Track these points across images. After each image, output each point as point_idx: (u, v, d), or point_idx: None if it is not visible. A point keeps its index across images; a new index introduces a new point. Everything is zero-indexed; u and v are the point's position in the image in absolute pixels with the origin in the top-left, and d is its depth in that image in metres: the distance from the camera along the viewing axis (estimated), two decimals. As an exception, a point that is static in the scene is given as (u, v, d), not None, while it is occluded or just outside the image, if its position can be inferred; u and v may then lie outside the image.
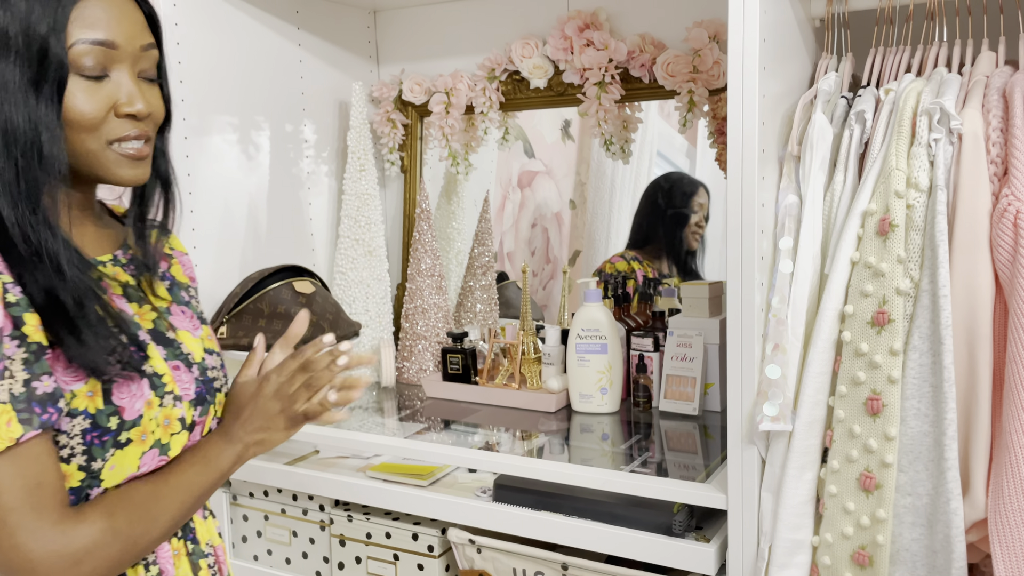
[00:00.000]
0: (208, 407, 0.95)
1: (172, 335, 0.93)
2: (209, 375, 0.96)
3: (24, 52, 0.79)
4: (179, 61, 1.55)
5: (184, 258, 1.06)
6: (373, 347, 1.84)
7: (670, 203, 1.83)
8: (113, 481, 0.85)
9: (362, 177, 1.83)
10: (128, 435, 0.85)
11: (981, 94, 1.07)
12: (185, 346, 0.94)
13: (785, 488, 1.09)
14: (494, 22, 1.86)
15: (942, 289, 1.00)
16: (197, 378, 0.93)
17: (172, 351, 0.92)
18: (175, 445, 0.90)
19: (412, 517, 1.45)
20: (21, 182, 0.80)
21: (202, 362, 0.95)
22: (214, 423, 0.97)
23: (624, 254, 1.87)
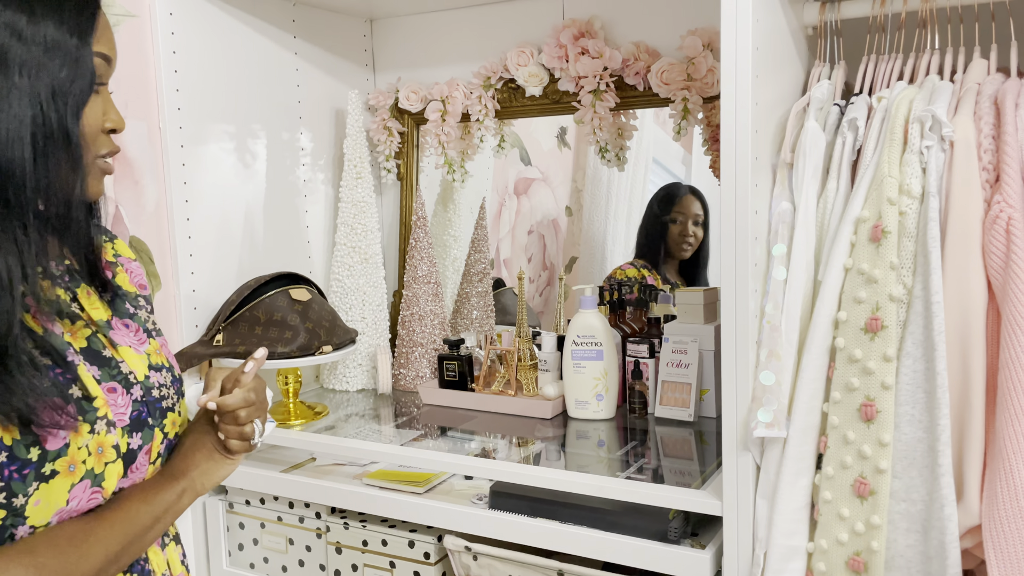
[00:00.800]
0: (151, 431, 0.87)
1: (110, 353, 0.86)
2: (154, 395, 0.88)
3: (62, 61, 0.76)
4: (175, 70, 1.55)
5: (131, 264, 0.98)
6: (369, 354, 1.85)
7: (663, 212, 1.83)
8: (40, 518, 0.77)
9: (358, 185, 1.83)
10: (53, 466, 0.76)
11: (973, 101, 1.07)
12: (126, 365, 0.87)
13: (780, 494, 1.09)
14: (490, 31, 1.87)
15: (935, 295, 1.01)
16: (137, 399, 0.86)
17: (107, 372, 0.84)
18: (109, 475, 0.82)
19: (408, 524, 1.45)
20: None
21: (145, 380, 0.88)
22: (166, 446, 0.90)
23: (634, 262, 1.87)
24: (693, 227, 1.81)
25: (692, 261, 1.82)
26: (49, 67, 0.75)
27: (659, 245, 1.84)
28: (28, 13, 0.75)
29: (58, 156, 0.77)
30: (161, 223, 1.57)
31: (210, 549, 1.65)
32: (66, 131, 0.77)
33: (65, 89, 0.77)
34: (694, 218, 1.81)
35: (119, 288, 0.93)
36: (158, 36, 1.52)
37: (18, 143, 0.74)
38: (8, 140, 0.73)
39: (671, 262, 1.84)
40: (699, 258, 1.83)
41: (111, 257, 0.95)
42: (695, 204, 1.81)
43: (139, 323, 0.93)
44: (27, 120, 0.74)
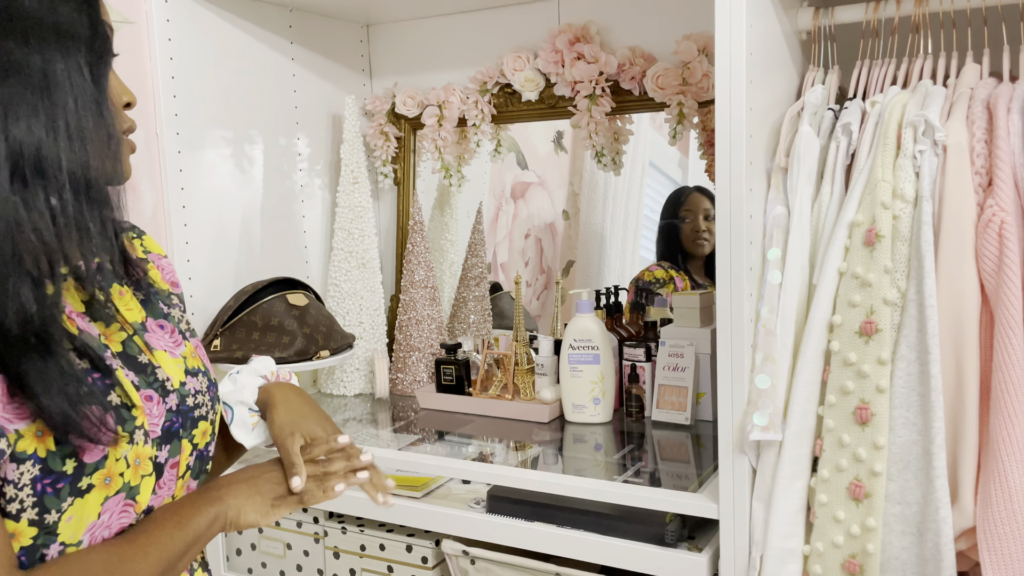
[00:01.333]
0: (179, 443, 0.81)
1: (146, 358, 0.80)
2: (188, 403, 0.82)
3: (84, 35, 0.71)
4: (172, 76, 1.56)
5: (162, 261, 0.92)
6: (367, 358, 1.85)
7: (673, 215, 1.83)
8: (71, 535, 0.71)
9: (355, 190, 1.84)
10: (90, 480, 0.71)
11: (966, 106, 1.08)
12: (162, 371, 0.81)
13: (776, 497, 1.09)
14: (486, 36, 1.87)
15: (928, 299, 1.01)
16: (170, 409, 0.80)
17: (145, 378, 0.78)
18: (144, 489, 0.77)
19: (406, 529, 1.46)
20: None
21: (181, 388, 0.82)
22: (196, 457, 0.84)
23: (660, 263, 1.86)
24: (704, 222, 1.79)
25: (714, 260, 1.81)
26: (73, 43, 0.71)
27: (676, 248, 1.83)
28: None
29: (92, 132, 0.71)
30: (159, 229, 1.57)
31: (208, 554, 1.65)
32: (98, 103, 0.72)
33: (91, 61, 0.72)
34: (704, 213, 1.79)
35: (152, 286, 0.86)
36: (155, 42, 1.53)
37: (51, 121, 0.68)
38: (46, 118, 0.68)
39: (694, 262, 1.83)
40: (702, 256, 1.82)
41: (141, 253, 0.90)
42: (704, 201, 1.80)
43: (174, 323, 0.86)
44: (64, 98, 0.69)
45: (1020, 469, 0.95)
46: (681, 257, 1.83)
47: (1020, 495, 0.95)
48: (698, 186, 1.83)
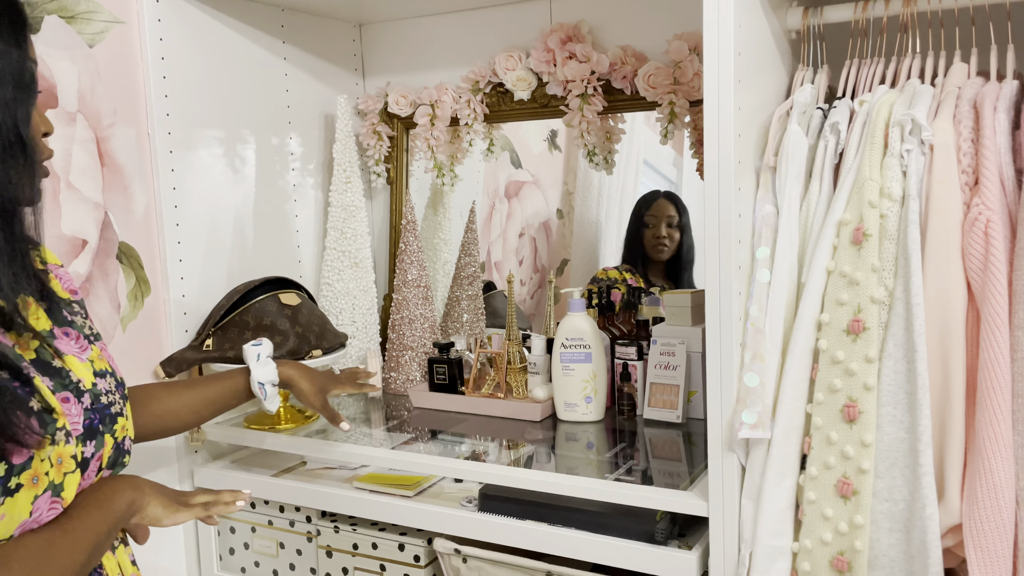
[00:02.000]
0: (102, 437, 0.89)
1: (58, 363, 0.87)
2: (102, 401, 0.90)
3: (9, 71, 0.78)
4: (164, 76, 1.56)
5: (59, 271, 0.98)
6: (360, 358, 1.85)
7: (640, 217, 1.87)
8: (3, 531, 0.78)
9: (348, 189, 1.84)
10: (18, 480, 0.77)
11: (953, 105, 1.08)
12: (73, 374, 0.88)
13: (765, 495, 1.10)
14: (478, 35, 1.88)
15: (915, 297, 1.02)
16: (87, 408, 0.88)
17: (60, 382, 0.86)
18: (69, 485, 0.84)
19: (399, 527, 1.46)
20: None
21: (93, 388, 0.90)
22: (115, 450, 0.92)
23: (619, 265, 1.90)
24: (667, 229, 1.85)
25: (676, 263, 1.85)
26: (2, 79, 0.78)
27: (638, 249, 1.87)
28: None
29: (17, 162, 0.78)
30: (151, 229, 1.57)
31: (201, 553, 1.65)
32: (20, 137, 0.79)
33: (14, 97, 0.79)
34: (667, 220, 1.85)
35: (55, 295, 0.92)
36: (146, 42, 1.53)
37: None
38: None
39: (655, 265, 1.87)
40: (682, 260, 1.86)
41: (39, 264, 0.93)
42: (669, 207, 1.85)
43: (78, 329, 0.93)
44: None
45: (1005, 466, 0.96)
46: (642, 260, 1.88)
47: (1006, 492, 0.96)
48: (668, 192, 1.87)
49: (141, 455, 1.55)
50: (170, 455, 1.60)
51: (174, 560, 1.63)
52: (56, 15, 1.40)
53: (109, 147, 1.49)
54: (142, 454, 1.55)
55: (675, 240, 1.84)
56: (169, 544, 1.62)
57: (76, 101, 1.43)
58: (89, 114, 1.45)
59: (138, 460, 1.54)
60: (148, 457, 1.56)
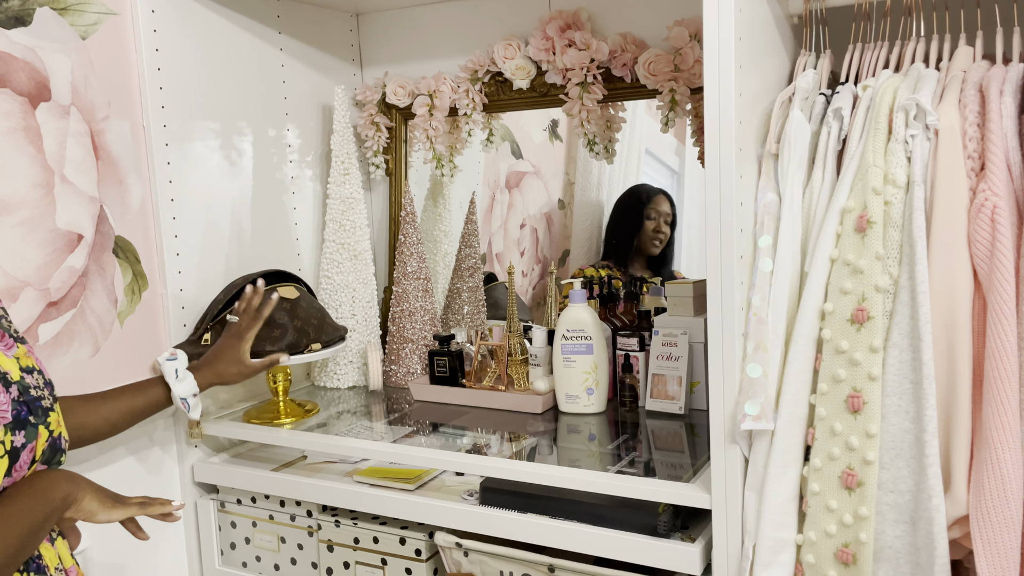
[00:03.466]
0: (34, 429, 0.92)
1: None
2: (32, 394, 0.93)
3: None
4: (158, 68, 1.54)
5: None
6: (360, 351, 1.84)
7: (637, 210, 1.88)
8: None
9: (346, 181, 1.82)
10: None
11: (958, 89, 1.06)
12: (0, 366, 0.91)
13: (768, 487, 1.08)
14: (476, 24, 1.85)
15: (920, 285, 1.00)
16: (15, 399, 0.90)
17: None
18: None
19: (399, 521, 1.45)
20: None
21: (21, 380, 0.93)
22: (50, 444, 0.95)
23: (596, 263, 1.91)
24: (664, 226, 1.87)
25: (660, 257, 1.87)
26: None
27: (629, 243, 1.88)
28: None
29: None
30: (147, 223, 1.56)
31: (202, 548, 1.64)
32: None
33: None
34: (665, 217, 1.87)
35: None
36: (140, 34, 1.51)
37: None
38: None
39: (639, 259, 1.88)
40: (666, 254, 1.87)
41: None
42: (665, 204, 1.88)
43: (3, 329, 0.96)
44: None
45: (1013, 457, 0.94)
46: (629, 253, 1.89)
47: (1013, 483, 0.94)
48: (660, 188, 1.88)
49: (137, 452, 1.54)
50: (170, 450, 1.60)
51: (175, 556, 1.63)
52: (48, 7, 1.38)
53: (104, 140, 1.47)
54: (138, 451, 1.54)
55: (667, 236, 1.87)
56: (170, 540, 1.62)
57: (70, 94, 1.41)
58: (83, 107, 1.44)
59: (135, 457, 1.53)
60: (146, 453, 1.55)
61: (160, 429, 1.58)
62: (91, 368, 1.45)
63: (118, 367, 1.49)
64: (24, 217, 1.35)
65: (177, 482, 1.61)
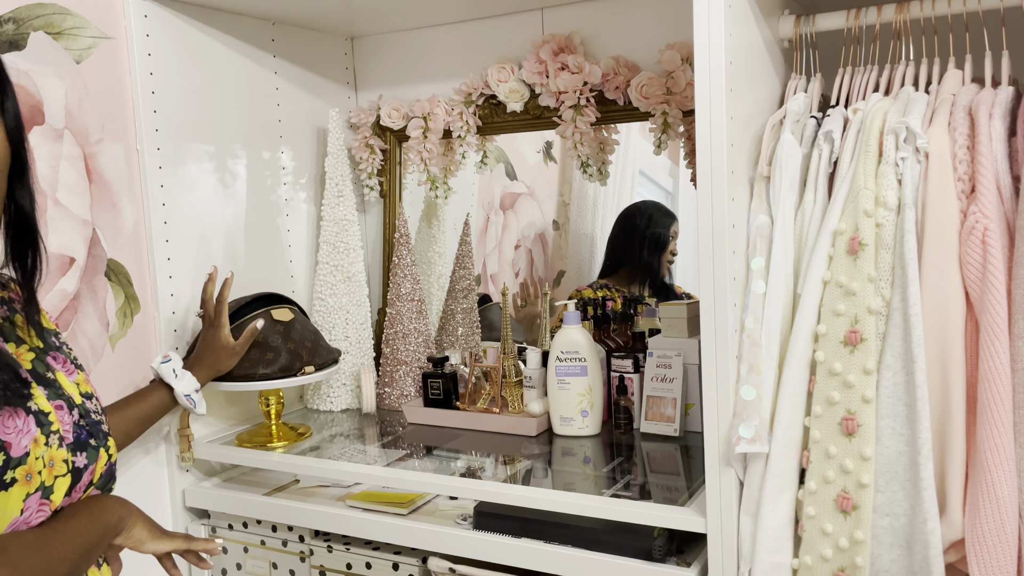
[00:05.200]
0: (95, 451, 0.93)
1: (52, 376, 0.93)
2: (93, 418, 0.95)
3: None
4: (153, 91, 1.54)
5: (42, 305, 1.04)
6: (354, 373, 1.83)
7: (657, 229, 1.85)
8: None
9: (340, 203, 1.82)
10: (13, 474, 0.82)
11: (947, 112, 1.07)
12: (64, 388, 0.93)
13: (763, 510, 1.08)
14: (470, 47, 1.86)
15: (913, 307, 1.00)
16: (76, 422, 0.92)
17: (54, 391, 0.91)
18: (58, 489, 0.88)
19: (392, 547, 1.44)
20: None
21: (82, 404, 0.94)
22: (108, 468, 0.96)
23: (593, 283, 1.90)
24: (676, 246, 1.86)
25: (660, 277, 1.86)
26: None
27: (639, 262, 1.85)
28: None
29: None
30: (140, 245, 1.55)
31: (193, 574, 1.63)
32: None
33: None
34: (676, 237, 1.85)
35: (41, 323, 0.98)
36: (135, 58, 1.51)
37: None
38: None
39: (639, 279, 1.87)
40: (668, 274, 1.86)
41: None
42: (676, 224, 1.85)
43: (66, 355, 0.99)
44: None
45: (1008, 479, 0.94)
46: (640, 272, 1.85)
47: (1008, 506, 0.94)
48: (667, 208, 1.86)
49: (129, 475, 1.52)
50: (161, 474, 1.58)
51: (166, 581, 1.61)
52: (43, 31, 1.39)
53: (97, 163, 1.47)
54: (130, 474, 1.53)
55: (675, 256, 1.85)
56: (161, 565, 1.59)
57: (63, 117, 1.42)
58: (76, 130, 1.44)
59: (126, 480, 1.52)
60: (137, 477, 1.54)
61: (151, 453, 1.57)
62: (82, 392, 1.44)
63: (109, 390, 1.48)
64: (16, 240, 1.34)
65: (168, 507, 1.60)
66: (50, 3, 1.40)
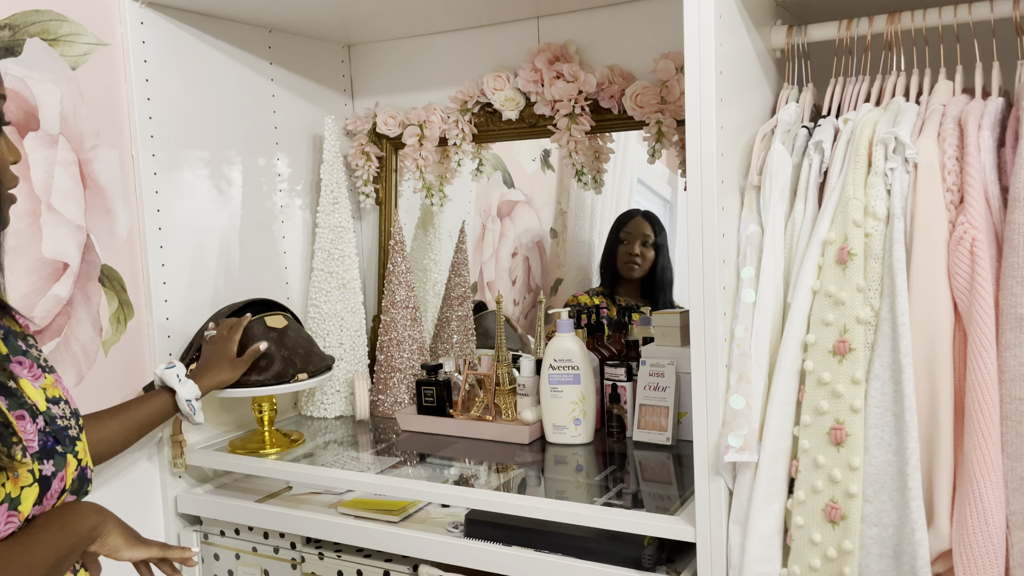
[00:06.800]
0: (62, 457, 0.93)
1: (13, 385, 0.91)
2: (59, 424, 0.94)
3: None
4: (148, 97, 1.55)
5: (35, 312, 1.04)
6: (347, 380, 1.83)
7: (615, 234, 1.88)
8: None
9: (335, 210, 1.83)
10: None
11: (937, 123, 1.07)
12: (27, 397, 0.92)
13: (752, 520, 1.08)
14: (467, 55, 1.87)
15: (901, 317, 1.00)
16: (41, 429, 0.91)
17: (15, 401, 0.90)
18: (25, 499, 0.87)
19: (384, 554, 1.43)
20: None
21: (47, 411, 0.94)
22: (79, 473, 0.96)
23: (589, 290, 1.90)
24: (641, 247, 1.86)
25: (651, 283, 1.86)
26: None
27: (611, 268, 1.88)
28: None
29: None
30: (134, 251, 1.56)
31: (185, 580, 1.63)
32: None
33: None
34: (642, 238, 1.86)
35: (9, 328, 0.97)
36: (131, 64, 1.52)
37: None
38: None
39: (629, 285, 1.87)
40: (657, 280, 1.86)
41: (2, 296, 0.99)
42: (644, 225, 1.86)
43: (32, 359, 0.97)
44: None
45: (995, 490, 0.94)
46: (614, 280, 1.88)
47: (995, 517, 0.93)
48: (646, 211, 1.87)
49: (121, 480, 1.52)
50: (153, 480, 1.58)
51: (157, 587, 1.61)
52: (38, 38, 1.39)
53: (92, 169, 1.48)
54: (122, 479, 1.53)
55: (648, 259, 1.85)
56: (152, 571, 1.59)
57: (58, 123, 1.42)
58: (71, 136, 1.44)
59: (118, 485, 1.52)
60: (129, 483, 1.54)
61: (144, 459, 1.57)
62: (76, 398, 1.44)
63: (102, 396, 1.48)
64: (9, 246, 1.35)
65: (160, 513, 1.60)
66: (46, 9, 1.40)
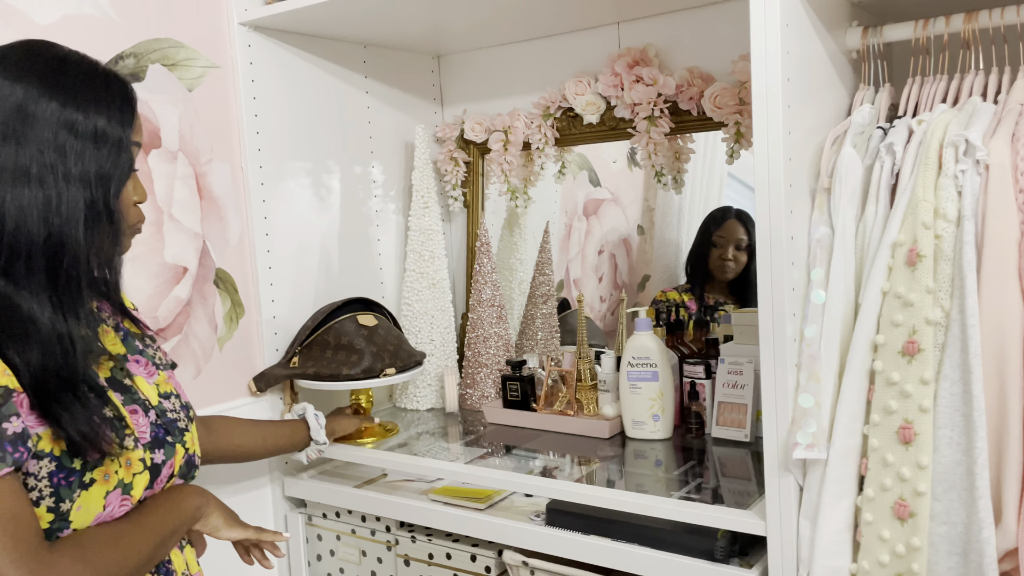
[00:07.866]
0: (171, 447, 1.03)
1: (129, 382, 1.02)
2: (169, 416, 1.04)
3: (106, 149, 0.91)
4: (255, 114, 1.68)
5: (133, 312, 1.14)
6: (437, 374, 1.93)
7: (708, 235, 1.88)
8: (81, 522, 0.91)
9: (426, 214, 1.92)
10: (91, 475, 0.91)
11: (1013, 123, 1.07)
12: (141, 392, 1.02)
13: (822, 515, 1.10)
14: (549, 62, 1.94)
15: (971, 318, 1.01)
16: (153, 422, 1.01)
17: (129, 397, 1.00)
18: (137, 485, 0.97)
19: (471, 539, 1.52)
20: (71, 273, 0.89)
21: (159, 405, 1.04)
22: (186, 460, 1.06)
23: (678, 286, 1.92)
24: (735, 251, 1.85)
25: (742, 283, 1.85)
26: (97, 155, 0.90)
27: (703, 268, 1.88)
28: (82, 111, 0.90)
29: (103, 229, 0.92)
30: (244, 255, 1.70)
31: (291, 559, 1.76)
32: (109, 209, 0.92)
33: (109, 173, 0.91)
34: (736, 242, 1.85)
35: (128, 330, 1.09)
36: (239, 84, 1.66)
37: (74, 222, 0.88)
38: (67, 219, 0.88)
39: (719, 284, 1.87)
40: (748, 280, 1.84)
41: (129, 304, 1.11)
42: (738, 229, 1.84)
43: (148, 358, 1.09)
44: (80, 202, 0.89)
45: (1064, 491, 0.94)
46: (706, 279, 1.88)
47: (1063, 518, 0.94)
48: (739, 211, 1.86)
49: (235, 467, 1.67)
50: (262, 465, 1.72)
51: (267, 564, 1.74)
52: (159, 63, 1.54)
53: (207, 181, 1.62)
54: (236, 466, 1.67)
55: (741, 263, 1.84)
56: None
57: (177, 141, 1.57)
58: (189, 152, 1.59)
59: (233, 470, 1.66)
60: (242, 468, 1.68)
61: (254, 446, 1.71)
62: (194, 389, 1.59)
63: (218, 388, 1.63)
64: (137, 252, 1.50)
65: (269, 496, 1.73)
66: (165, 37, 1.55)
